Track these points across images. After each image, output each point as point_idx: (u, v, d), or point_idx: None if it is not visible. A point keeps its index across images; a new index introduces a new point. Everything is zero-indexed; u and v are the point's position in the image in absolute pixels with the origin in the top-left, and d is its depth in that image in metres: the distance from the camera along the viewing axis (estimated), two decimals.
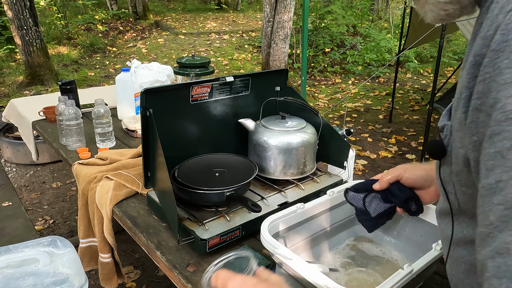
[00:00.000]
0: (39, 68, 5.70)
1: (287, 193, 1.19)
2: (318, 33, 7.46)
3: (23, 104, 2.24)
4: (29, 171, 3.41)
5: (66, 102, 1.63)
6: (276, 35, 5.34)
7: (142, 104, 1.05)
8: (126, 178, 1.30)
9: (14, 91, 5.52)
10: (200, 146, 1.26)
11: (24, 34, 5.45)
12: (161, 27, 9.47)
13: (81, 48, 7.50)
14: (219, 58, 7.29)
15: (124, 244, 2.38)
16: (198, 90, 1.18)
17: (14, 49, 6.43)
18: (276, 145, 1.19)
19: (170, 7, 12.43)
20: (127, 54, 7.58)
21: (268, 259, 0.96)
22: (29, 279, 1.11)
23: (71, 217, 2.78)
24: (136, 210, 1.19)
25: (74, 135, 1.61)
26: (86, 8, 9.29)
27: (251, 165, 1.18)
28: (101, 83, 5.98)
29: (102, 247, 1.28)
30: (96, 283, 2.07)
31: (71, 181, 3.25)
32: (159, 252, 1.00)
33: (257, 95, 1.33)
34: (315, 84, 6.34)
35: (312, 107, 1.31)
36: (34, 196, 3.05)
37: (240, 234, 1.03)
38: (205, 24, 9.94)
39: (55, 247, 1.25)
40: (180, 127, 1.21)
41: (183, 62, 2.02)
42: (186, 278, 0.91)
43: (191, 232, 0.98)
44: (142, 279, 2.18)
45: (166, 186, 0.99)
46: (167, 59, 7.22)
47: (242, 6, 12.70)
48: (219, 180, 1.11)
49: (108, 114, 1.63)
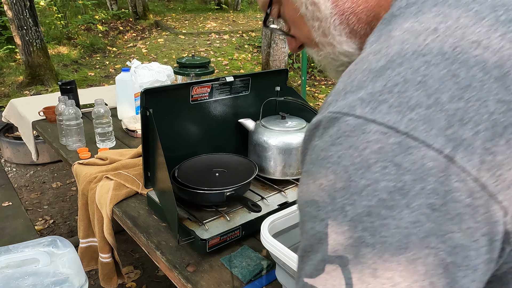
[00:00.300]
0: (39, 68, 5.70)
1: (287, 193, 1.19)
2: None
3: (23, 104, 2.24)
4: (29, 171, 3.41)
5: (66, 102, 1.63)
6: (276, 35, 5.34)
7: (142, 104, 1.05)
8: (126, 178, 1.30)
9: (14, 91, 5.52)
10: (200, 146, 1.26)
11: (24, 34, 5.45)
12: (161, 27, 9.47)
13: (81, 48, 7.50)
14: (219, 58, 7.29)
15: (124, 244, 2.38)
16: (198, 90, 1.18)
17: (14, 49, 6.43)
18: (276, 145, 1.19)
19: (170, 7, 12.43)
20: (127, 54, 7.58)
21: (268, 259, 0.97)
22: (29, 279, 1.11)
23: (71, 217, 2.77)
24: (136, 210, 1.19)
25: (74, 135, 1.61)
26: (86, 8, 9.29)
27: (251, 165, 1.18)
28: (101, 83, 5.97)
29: (102, 247, 1.28)
30: (96, 283, 2.07)
31: (71, 181, 3.25)
32: (159, 252, 1.00)
33: (257, 95, 1.33)
34: (315, 84, 6.34)
35: (312, 107, 1.31)
36: (34, 196, 3.05)
37: (240, 234, 1.03)
38: (205, 24, 9.94)
39: (55, 247, 1.24)
40: (180, 127, 1.21)
41: (183, 62, 2.02)
42: (186, 278, 0.91)
43: (191, 232, 0.98)
44: (142, 279, 2.18)
45: (166, 186, 0.99)
46: (167, 59, 7.22)
47: (242, 6, 12.70)
48: (219, 180, 1.11)
49: (108, 114, 1.63)
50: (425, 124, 0.32)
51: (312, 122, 0.39)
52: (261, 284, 0.90)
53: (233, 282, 0.90)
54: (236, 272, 0.93)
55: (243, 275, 0.91)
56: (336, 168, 0.35)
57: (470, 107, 0.32)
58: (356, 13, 0.49)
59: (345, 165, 0.34)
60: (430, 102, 0.33)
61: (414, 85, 0.33)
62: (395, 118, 0.33)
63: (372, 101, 0.34)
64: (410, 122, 0.32)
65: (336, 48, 0.52)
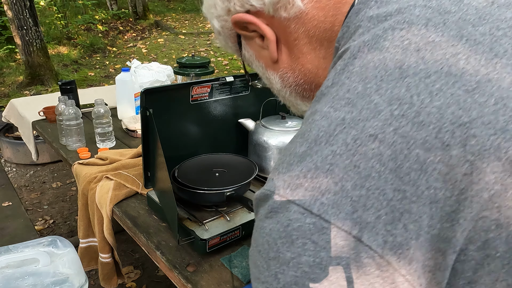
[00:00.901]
0: (39, 68, 5.70)
1: None
2: None
3: (23, 104, 2.24)
4: (29, 171, 3.41)
5: (66, 102, 1.63)
6: None
7: (142, 104, 1.05)
8: (126, 178, 1.30)
9: (14, 91, 5.52)
10: (200, 146, 1.26)
11: (24, 34, 5.45)
12: (161, 27, 9.47)
13: (81, 48, 7.50)
14: (219, 58, 7.29)
15: (124, 244, 2.38)
16: (198, 90, 1.18)
17: (14, 49, 6.43)
18: (276, 145, 1.19)
19: (170, 7, 12.43)
20: (127, 54, 7.58)
21: None
22: (29, 279, 1.11)
23: (71, 217, 2.77)
24: (136, 210, 1.19)
25: (74, 135, 1.61)
26: (86, 8, 9.29)
27: (251, 165, 1.18)
28: (101, 83, 5.98)
29: (102, 247, 1.28)
30: (96, 283, 2.07)
31: (71, 181, 3.25)
32: (159, 252, 1.00)
33: (257, 95, 1.33)
34: None
35: None
36: (34, 196, 3.05)
37: (240, 234, 1.03)
38: (205, 24, 9.94)
39: (55, 247, 1.24)
40: (180, 127, 1.21)
41: (183, 62, 2.02)
42: (186, 278, 0.91)
43: (191, 232, 0.98)
44: (142, 279, 2.18)
45: (166, 186, 0.99)
46: (167, 59, 7.22)
47: None
48: (219, 180, 1.11)
49: (108, 114, 1.63)
50: (333, 208, 0.36)
51: (257, 193, 0.43)
52: None
53: (233, 282, 0.90)
54: (236, 272, 0.93)
55: (243, 275, 0.91)
56: (268, 239, 0.39)
57: (371, 195, 0.35)
58: (300, 84, 0.57)
59: (274, 237, 0.38)
60: (337, 188, 0.36)
61: (323, 172, 0.37)
62: (309, 201, 0.37)
63: (291, 184, 0.38)
64: (322, 206, 0.36)
65: (297, 107, 0.62)
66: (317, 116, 0.41)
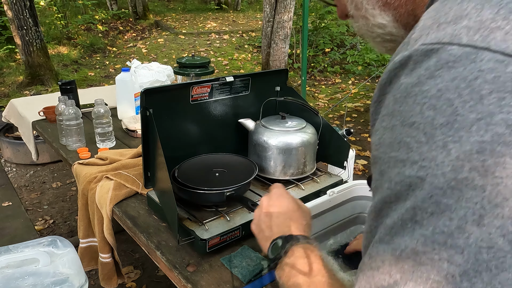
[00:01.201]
0: (39, 68, 5.70)
1: None
2: (318, 33, 7.45)
3: (23, 104, 2.24)
4: (29, 171, 3.41)
5: (66, 102, 1.63)
6: (276, 35, 5.34)
7: (142, 104, 1.05)
8: (126, 178, 1.30)
9: (14, 91, 5.52)
10: (200, 146, 1.26)
11: (24, 34, 5.45)
12: (161, 27, 9.47)
13: (81, 48, 7.50)
14: (219, 58, 7.29)
15: (124, 244, 2.38)
16: (198, 90, 1.18)
17: (14, 49, 6.43)
18: (276, 145, 1.19)
19: (170, 7, 12.43)
20: (127, 54, 7.58)
21: (268, 259, 0.96)
22: (29, 279, 1.11)
23: (71, 217, 2.77)
24: (136, 210, 1.19)
25: (74, 135, 1.61)
26: (86, 8, 9.29)
27: (251, 165, 1.18)
28: (101, 83, 5.97)
29: (102, 247, 1.28)
30: (96, 283, 2.07)
31: (71, 181, 3.25)
32: (159, 252, 1.00)
33: (257, 95, 1.33)
34: (315, 84, 6.34)
35: (312, 107, 1.31)
36: (34, 196, 3.05)
37: (240, 234, 1.03)
38: (205, 24, 9.94)
39: (55, 247, 1.25)
40: (180, 127, 1.21)
41: (183, 62, 2.02)
42: (186, 278, 0.91)
43: (191, 232, 0.98)
44: (142, 279, 2.18)
45: (166, 186, 0.99)
46: (167, 59, 7.22)
47: (242, 6, 12.70)
48: (219, 180, 1.11)
49: (108, 114, 1.63)
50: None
51: (395, 60, 0.36)
52: (261, 284, 0.90)
53: (233, 282, 0.90)
54: (236, 272, 0.93)
55: (243, 275, 0.91)
56: (435, 103, 0.32)
57: None
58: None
59: (449, 98, 0.31)
60: None
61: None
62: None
63: (482, 29, 0.32)
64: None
65: (370, 20, 0.51)
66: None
